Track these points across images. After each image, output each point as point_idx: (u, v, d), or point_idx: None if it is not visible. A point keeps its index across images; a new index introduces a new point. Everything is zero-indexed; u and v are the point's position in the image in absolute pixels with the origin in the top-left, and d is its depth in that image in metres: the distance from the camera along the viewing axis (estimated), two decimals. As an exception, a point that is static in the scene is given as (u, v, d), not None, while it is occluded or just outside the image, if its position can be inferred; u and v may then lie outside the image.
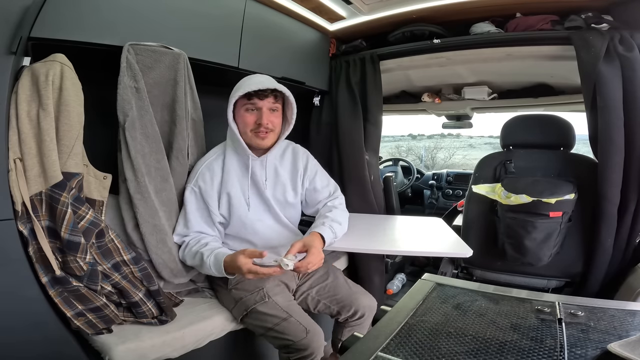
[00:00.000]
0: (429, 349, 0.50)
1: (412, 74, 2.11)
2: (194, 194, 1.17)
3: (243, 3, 1.37)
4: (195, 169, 1.19)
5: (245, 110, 1.12)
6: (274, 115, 1.14)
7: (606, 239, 1.41)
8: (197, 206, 1.16)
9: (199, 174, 1.17)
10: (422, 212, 3.15)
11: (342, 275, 1.32)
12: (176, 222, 1.17)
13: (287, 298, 1.15)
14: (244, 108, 1.12)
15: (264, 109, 1.11)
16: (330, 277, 1.28)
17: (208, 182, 1.16)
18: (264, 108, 1.11)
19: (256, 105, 1.11)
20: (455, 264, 1.82)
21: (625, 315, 0.59)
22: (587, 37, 1.33)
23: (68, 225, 0.86)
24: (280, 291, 1.15)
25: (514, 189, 1.47)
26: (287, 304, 1.12)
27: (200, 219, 1.16)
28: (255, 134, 1.13)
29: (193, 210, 1.16)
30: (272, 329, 1.08)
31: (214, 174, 1.17)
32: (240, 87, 1.10)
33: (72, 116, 0.88)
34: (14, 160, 0.82)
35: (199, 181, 1.16)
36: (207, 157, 1.20)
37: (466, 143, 7.41)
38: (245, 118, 1.12)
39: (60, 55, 0.89)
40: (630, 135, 1.31)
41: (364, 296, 1.26)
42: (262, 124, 1.10)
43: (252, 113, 1.12)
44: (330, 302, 1.23)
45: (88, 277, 0.92)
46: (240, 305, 1.12)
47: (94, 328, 0.93)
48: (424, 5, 1.58)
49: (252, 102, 1.10)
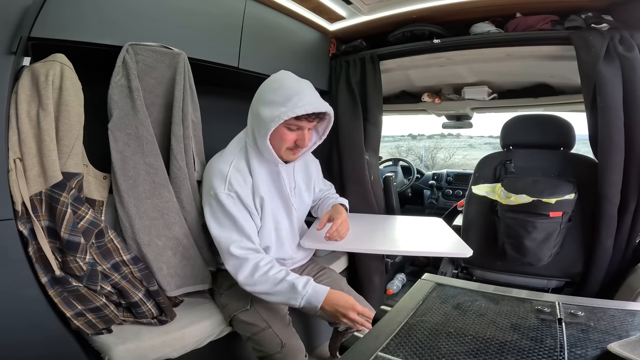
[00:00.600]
0: (429, 349, 0.50)
1: (412, 74, 2.11)
2: (232, 199, 1.02)
3: (243, 3, 1.37)
4: (220, 173, 1.04)
5: (286, 127, 1.01)
6: (310, 133, 1.08)
7: (606, 239, 1.41)
8: (243, 212, 1.04)
9: (229, 177, 1.03)
10: (422, 212, 3.15)
11: (346, 287, 1.30)
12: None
13: (274, 307, 1.11)
14: (286, 124, 1.00)
15: (306, 130, 1.03)
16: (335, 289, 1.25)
17: (242, 186, 1.05)
18: (306, 129, 1.03)
19: (301, 125, 1.01)
20: (455, 264, 1.82)
21: (625, 315, 0.59)
22: (587, 37, 1.33)
23: (68, 225, 0.86)
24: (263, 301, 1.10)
25: (514, 189, 1.47)
26: (270, 313, 1.09)
27: (254, 227, 1.06)
28: (290, 151, 1.06)
29: (243, 217, 1.03)
30: (250, 339, 1.06)
31: (245, 177, 1.06)
32: (290, 101, 0.96)
33: (72, 116, 0.88)
34: (14, 160, 0.82)
35: (234, 185, 1.03)
36: (227, 158, 1.08)
37: (466, 143, 7.42)
38: (285, 136, 1.02)
39: (60, 55, 0.89)
40: (630, 135, 1.31)
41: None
42: (302, 145, 1.04)
43: (293, 132, 1.03)
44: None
45: (88, 277, 0.92)
46: (225, 312, 1.12)
47: (93, 328, 0.94)
48: (424, 5, 1.58)
49: (300, 124, 1.00)
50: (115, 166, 0.98)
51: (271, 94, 1.00)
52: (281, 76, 1.03)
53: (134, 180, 1.01)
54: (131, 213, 1.00)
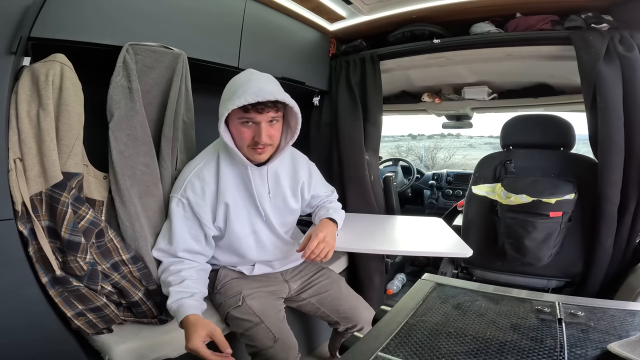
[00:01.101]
0: (429, 349, 0.50)
1: (412, 74, 2.11)
2: (182, 205, 1.03)
3: (243, 3, 1.37)
4: (182, 177, 1.06)
5: (240, 122, 0.97)
6: (274, 127, 1.00)
7: (606, 239, 1.41)
8: (184, 220, 1.03)
9: (186, 183, 1.03)
10: (422, 212, 3.15)
11: (345, 287, 1.29)
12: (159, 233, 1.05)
13: (266, 303, 1.10)
14: (239, 120, 0.96)
15: (262, 124, 0.96)
16: (334, 289, 1.24)
17: (199, 193, 1.03)
18: (262, 123, 0.96)
19: (253, 119, 0.95)
20: (455, 264, 1.82)
21: (625, 315, 0.59)
22: (587, 37, 1.33)
23: (68, 225, 0.86)
24: (260, 296, 1.11)
25: (514, 189, 1.47)
26: (262, 308, 1.07)
27: (187, 235, 1.03)
28: (252, 149, 1.00)
29: (179, 225, 1.02)
30: (243, 335, 1.05)
31: (205, 184, 1.04)
32: (235, 94, 0.92)
33: (72, 116, 0.88)
34: (14, 160, 0.82)
35: (187, 192, 1.03)
36: (194, 164, 1.07)
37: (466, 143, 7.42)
38: (241, 132, 0.97)
39: (60, 55, 0.89)
40: (630, 135, 1.32)
41: (365, 310, 1.24)
42: (260, 141, 0.97)
43: (248, 127, 0.97)
44: (331, 313, 1.22)
45: (88, 277, 0.92)
46: (220, 310, 1.11)
47: (94, 328, 0.94)
48: (424, 5, 1.58)
49: (249, 116, 0.95)
50: (115, 166, 0.98)
51: (224, 92, 0.99)
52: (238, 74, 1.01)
53: (132, 180, 1.01)
54: (131, 212, 1.00)
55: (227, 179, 1.06)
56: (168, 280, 0.98)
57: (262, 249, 1.15)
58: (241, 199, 1.08)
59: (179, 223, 1.02)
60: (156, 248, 1.03)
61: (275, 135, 1.02)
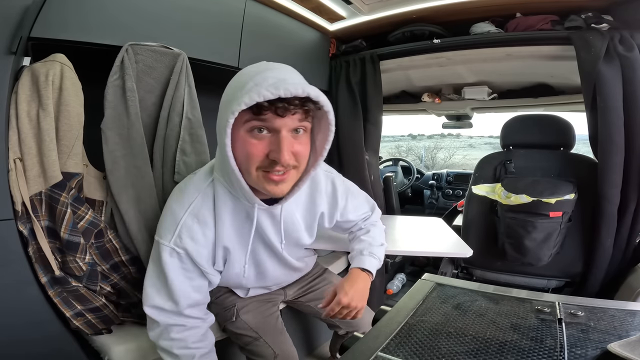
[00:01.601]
0: (429, 349, 0.50)
1: (412, 74, 2.12)
2: (177, 257, 0.78)
3: (243, 3, 1.37)
4: (172, 216, 0.78)
5: (248, 131, 0.65)
6: (300, 140, 0.68)
7: (606, 239, 1.41)
8: (183, 272, 0.79)
9: (181, 227, 0.77)
10: (422, 212, 3.15)
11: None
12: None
13: (262, 314, 1.03)
14: (247, 127, 0.65)
15: (283, 133, 0.65)
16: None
17: (199, 240, 0.78)
18: (283, 131, 0.65)
19: (270, 125, 0.65)
20: (455, 264, 1.82)
21: (625, 315, 0.59)
22: (587, 37, 1.33)
23: (67, 225, 0.86)
24: (255, 308, 1.03)
25: (514, 189, 1.47)
26: (258, 321, 1.01)
27: (190, 289, 0.81)
28: (265, 175, 0.68)
29: (178, 279, 0.79)
30: (244, 348, 1.03)
31: (206, 227, 0.78)
32: (242, 90, 0.63)
33: (72, 116, 0.88)
34: (13, 160, 0.82)
35: (183, 240, 0.77)
36: (187, 198, 0.79)
37: (466, 143, 7.41)
38: (249, 147, 0.66)
39: (60, 55, 0.89)
40: (630, 135, 1.32)
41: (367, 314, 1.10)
42: (280, 160, 0.65)
43: (260, 138, 0.66)
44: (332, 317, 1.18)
45: (87, 278, 0.92)
46: (217, 319, 1.03)
47: (93, 328, 0.94)
48: (424, 5, 1.58)
49: (263, 119, 0.64)
50: (106, 166, 0.97)
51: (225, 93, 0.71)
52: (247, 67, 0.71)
53: (125, 181, 0.99)
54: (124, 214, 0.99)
55: (224, 218, 0.80)
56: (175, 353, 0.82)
57: (263, 278, 0.99)
58: (242, 245, 0.85)
59: (177, 277, 0.79)
60: (151, 305, 0.80)
61: (303, 153, 0.70)
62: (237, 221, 0.81)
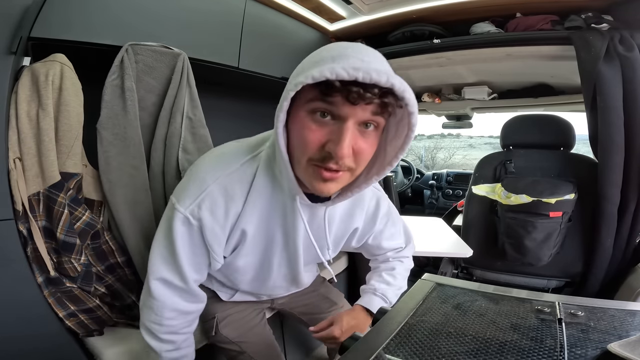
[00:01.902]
0: (429, 349, 0.50)
1: (412, 74, 2.12)
2: (189, 227, 0.69)
3: (243, 3, 1.37)
4: (197, 180, 0.69)
5: (310, 113, 0.56)
6: (366, 138, 0.57)
7: (606, 239, 1.41)
8: (191, 247, 0.71)
9: (204, 195, 0.67)
10: (422, 212, 3.15)
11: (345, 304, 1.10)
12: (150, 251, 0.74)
13: (246, 327, 0.95)
14: (310, 108, 0.56)
15: (349, 124, 0.54)
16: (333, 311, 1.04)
17: (219, 216, 0.68)
18: (349, 122, 0.54)
19: (337, 111, 0.54)
20: (455, 264, 1.82)
21: (625, 315, 0.59)
22: (587, 37, 1.34)
23: (64, 226, 0.86)
24: (238, 319, 0.95)
25: (514, 189, 1.47)
26: (240, 333, 0.94)
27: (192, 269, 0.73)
28: (316, 169, 0.58)
29: (186, 255, 0.71)
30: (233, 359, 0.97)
31: (232, 202, 0.68)
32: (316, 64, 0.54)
33: (72, 116, 0.88)
34: (13, 160, 0.82)
35: (202, 210, 0.67)
36: (223, 166, 0.69)
37: (466, 143, 7.40)
38: (306, 132, 0.56)
39: (60, 55, 0.89)
40: (630, 135, 1.32)
41: None
42: (337, 153, 0.54)
43: (321, 125, 0.56)
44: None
45: (82, 279, 0.91)
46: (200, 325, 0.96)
47: (85, 329, 0.93)
48: (424, 5, 1.58)
49: (331, 100, 0.54)
50: (100, 167, 0.97)
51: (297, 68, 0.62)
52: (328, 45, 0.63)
53: (118, 182, 0.98)
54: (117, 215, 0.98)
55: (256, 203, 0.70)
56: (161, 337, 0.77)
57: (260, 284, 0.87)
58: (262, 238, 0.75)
59: (184, 250, 0.71)
60: (159, 278, 0.72)
61: (365, 153, 0.58)
62: (270, 210, 0.71)
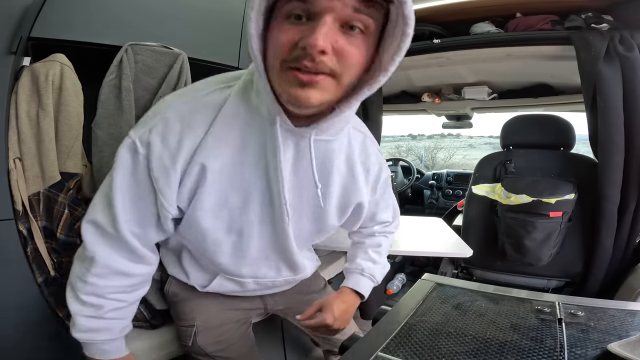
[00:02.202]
0: (429, 349, 0.50)
1: (412, 74, 2.12)
2: (133, 155, 0.56)
3: (243, 2, 1.37)
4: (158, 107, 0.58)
5: (285, 18, 0.47)
6: (347, 38, 0.47)
7: (606, 239, 1.41)
8: (133, 189, 0.57)
9: (159, 120, 0.56)
10: (422, 212, 3.15)
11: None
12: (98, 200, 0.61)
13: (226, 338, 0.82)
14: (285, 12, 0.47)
15: (326, 19, 0.45)
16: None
17: (171, 144, 0.55)
18: (327, 17, 0.45)
19: (312, 8, 0.45)
20: (455, 264, 1.82)
21: (625, 315, 0.59)
22: (587, 37, 1.33)
23: (64, 226, 0.86)
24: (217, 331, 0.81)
25: (514, 189, 1.47)
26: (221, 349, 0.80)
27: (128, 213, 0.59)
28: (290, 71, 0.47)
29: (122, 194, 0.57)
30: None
31: (189, 131, 0.56)
32: None
33: (72, 116, 0.88)
34: (13, 160, 0.82)
35: (152, 135, 0.55)
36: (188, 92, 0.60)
37: (466, 143, 7.40)
38: (280, 33, 0.47)
39: (60, 55, 0.89)
40: (630, 135, 1.32)
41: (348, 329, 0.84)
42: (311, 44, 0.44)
43: (296, 25, 0.46)
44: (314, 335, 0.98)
45: (83, 279, 0.91)
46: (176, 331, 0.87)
47: None
48: (424, 5, 1.58)
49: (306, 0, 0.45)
50: (94, 166, 0.97)
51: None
52: None
53: None
54: None
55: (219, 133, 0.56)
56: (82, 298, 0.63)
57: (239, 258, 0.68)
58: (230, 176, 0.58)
59: (123, 185, 0.57)
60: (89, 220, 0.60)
61: (351, 56, 0.48)
62: (242, 144, 0.57)
